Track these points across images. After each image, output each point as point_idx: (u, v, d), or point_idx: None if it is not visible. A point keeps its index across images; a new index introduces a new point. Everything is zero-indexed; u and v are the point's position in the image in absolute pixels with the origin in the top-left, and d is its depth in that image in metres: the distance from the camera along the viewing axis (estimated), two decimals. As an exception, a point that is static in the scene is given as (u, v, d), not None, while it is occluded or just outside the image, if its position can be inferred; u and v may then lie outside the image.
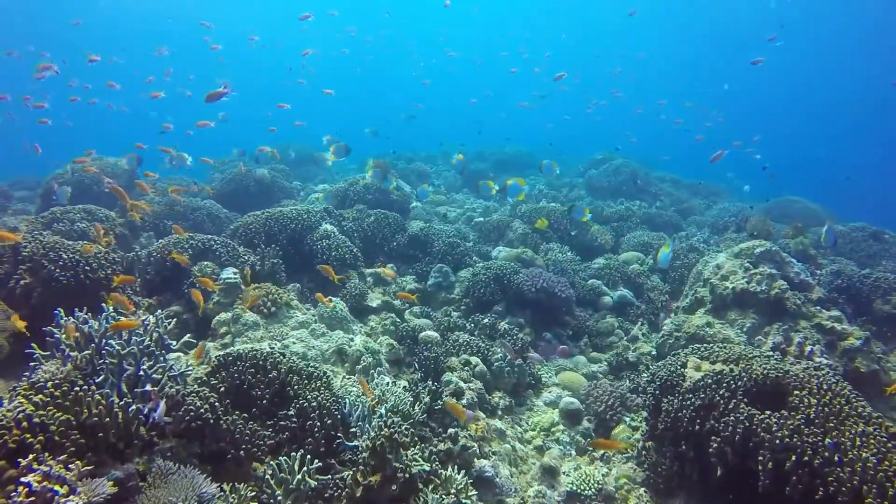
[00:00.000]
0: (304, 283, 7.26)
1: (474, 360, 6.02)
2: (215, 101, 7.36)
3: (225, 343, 5.70)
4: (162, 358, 3.49)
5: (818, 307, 6.75)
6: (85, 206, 7.62)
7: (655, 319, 8.05)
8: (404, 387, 5.00)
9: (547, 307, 7.54)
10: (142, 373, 3.29)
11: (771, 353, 5.16)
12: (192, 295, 5.44)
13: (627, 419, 6.05)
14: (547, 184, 16.47)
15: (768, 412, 4.14)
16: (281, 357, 4.39)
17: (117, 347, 3.29)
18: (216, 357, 4.30)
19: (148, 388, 3.25)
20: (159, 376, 3.41)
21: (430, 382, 5.10)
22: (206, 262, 6.37)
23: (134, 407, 3.01)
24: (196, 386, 3.67)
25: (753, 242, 7.55)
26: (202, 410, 3.31)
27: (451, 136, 23.80)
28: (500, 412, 5.79)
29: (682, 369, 4.83)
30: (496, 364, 6.08)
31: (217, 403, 3.57)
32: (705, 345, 5.13)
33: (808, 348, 6.09)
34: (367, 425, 4.05)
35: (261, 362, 4.29)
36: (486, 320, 6.82)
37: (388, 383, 4.78)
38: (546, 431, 5.78)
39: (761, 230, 8.54)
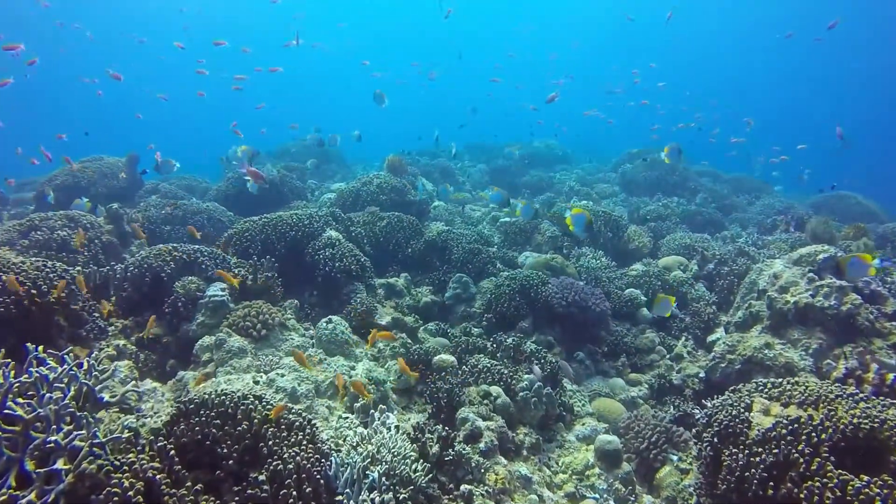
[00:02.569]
0: (305, 298, 6.51)
1: (495, 390, 5.19)
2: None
3: (207, 373, 4.96)
4: (87, 419, 2.73)
5: (894, 323, 5.78)
6: (67, 212, 6.95)
7: (701, 334, 7.13)
8: (409, 433, 4.19)
9: (579, 322, 6.68)
10: (51, 444, 2.53)
11: (855, 390, 4.22)
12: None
13: (675, 458, 5.18)
14: (579, 180, 15.51)
15: (865, 478, 3.24)
16: (255, 403, 3.62)
17: (20, 412, 2.54)
18: (176, 404, 3.54)
19: (59, 465, 2.49)
20: (82, 443, 2.65)
21: (441, 427, 4.29)
22: (190, 278, 5.64)
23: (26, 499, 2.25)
24: (134, 454, 2.90)
25: (815, 247, 6.58)
26: (130, 495, 2.54)
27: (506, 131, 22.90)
28: (525, 452, 4.96)
29: (747, 413, 3.94)
30: (521, 394, 5.25)
31: (161, 476, 2.80)
32: (773, 380, 4.21)
33: (893, 377, 5.13)
34: (356, 496, 3.25)
35: (230, 410, 3.52)
36: (509, 340, 5.98)
37: (387, 433, 3.96)
38: (579, 475, 4.94)
39: (823, 233, 7.54)
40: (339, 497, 3.29)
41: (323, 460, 3.43)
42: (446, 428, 4.29)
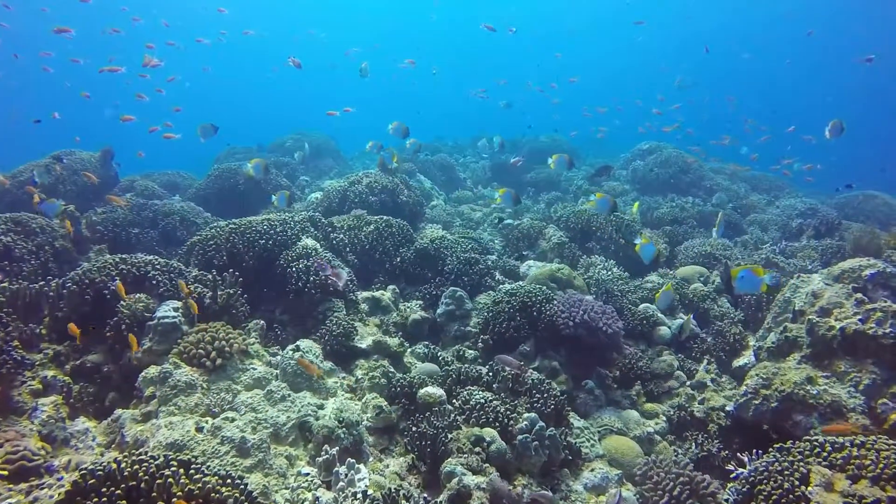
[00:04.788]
0: (276, 316, 5.72)
1: (489, 433, 4.40)
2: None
3: (148, 412, 4.19)
4: None
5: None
6: (14, 216, 6.17)
7: (726, 358, 6.32)
8: (380, 497, 3.39)
9: (588, 345, 5.87)
10: None
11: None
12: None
13: (701, 517, 4.39)
14: (586, 178, 14.65)
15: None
16: (179, 474, 2.83)
17: None
18: (70, 482, 2.76)
19: None
20: None
21: (419, 491, 3.50)
22: (138, 296, 4.86)
23: None
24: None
25: (860, 261, 5.75)
26: None
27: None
28: (524, 508, 4.17)
29: (803, 487, 3.13)
30: (520, 437, 4.45)
31: None
32: (834, 440, 3.41)
33: (965, 425, 4.31)
34: None
35: (144, 485, 2.74)
36: (507, 370, 5.17)
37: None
38: (589, 539, 4.15)
39: (869, 245, 6.70)
40: None
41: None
42: (425, 495, 3.50)
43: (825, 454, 3.31)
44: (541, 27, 43.96)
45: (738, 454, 4.00)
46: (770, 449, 3.63)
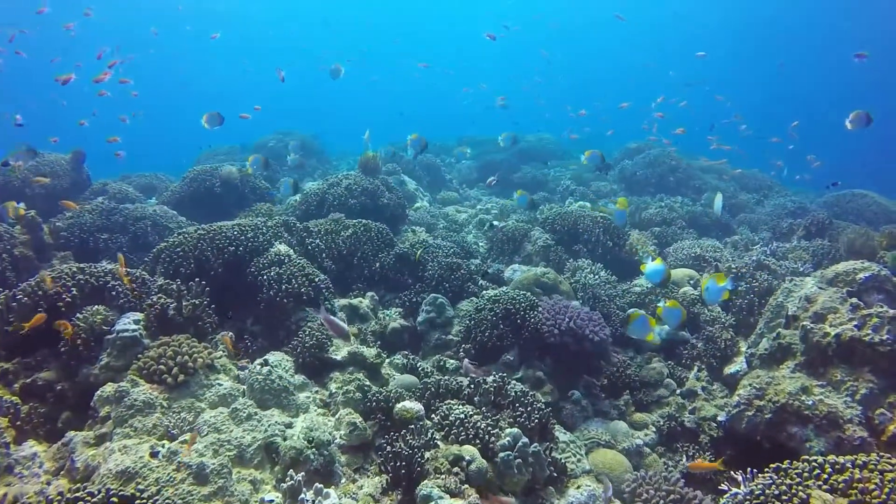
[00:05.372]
0: (247, 327, 5.45)
1: (469, 451, 4.15)
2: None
3: (102, 434, 3.91)
4: None
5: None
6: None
7: (717, 364, 6.10)
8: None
9: (574, 353, 5.63)
10: None
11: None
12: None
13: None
14: (574, 177, 14.44)
15: None
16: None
17: None
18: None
19: None
20: None
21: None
22: (96, 308, 4.58)
23: None
24: None
25: (854, 264, 5.56)
26: None
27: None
28: (505, 532, 3.93)
29: (803, 513, 2.90)
30: (502, 455, 4.20)
31: None
32: (833, 460, 3.19)
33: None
34: None
35: (78, 526, 2.47)
36: (490, 380, 4.92)
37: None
38: (574, 564, 3.91)
39: (863, 247, 6.50)
40: None
41: None
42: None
43: (826, 476, 3.08)
44: (535, 25, 43.95)
45: (732, 473, 3.76)
46: (766, 469, 3.40)
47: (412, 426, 4.33)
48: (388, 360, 5.52)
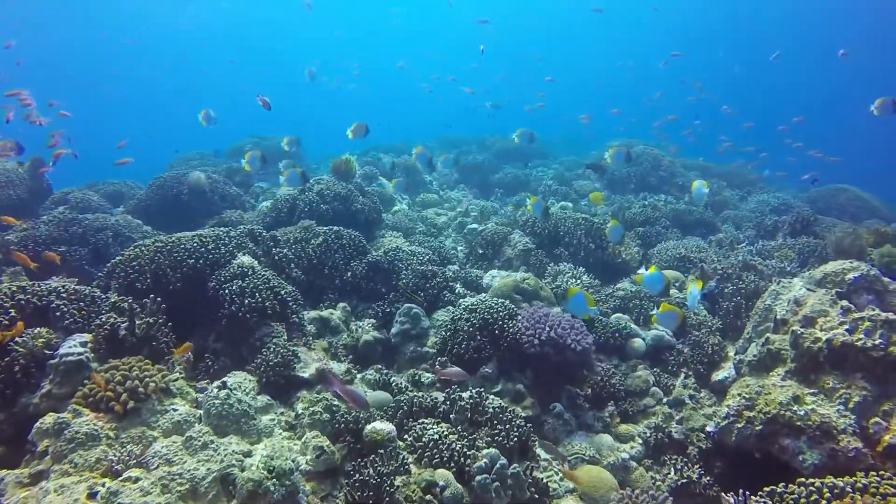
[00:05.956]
0: (209, 344, 5.13)
1: (443, 476, 3.88)
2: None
3: (39, 471, 3.58)
4: None
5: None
6: None
7: (705, 371, 5.86)
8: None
9: (555, 364, 5.37)
10: None
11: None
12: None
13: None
14: (556, 177, 14.21)
15: None
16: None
17: None
18: None
19: None
20: None
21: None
22: (38, 330, 4.24)
23: None
24: None
25: (843, 264, 5.35)
26: None
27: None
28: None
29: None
30: (479, 478, 3.93)
31: None
32: (832, 483, 2.94)
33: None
34: None
35: None
36: (466, 396, 4.65)
37: None
38: None
39: (851, 247, 6.29)
40: None
41: None
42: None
43: (824, 502, 2.83)
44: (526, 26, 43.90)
45: (723, 494, 3.51)
46: (760, 493, 3.15)
47: (383, 450, 4.04)
48: (360, 376, 5.23)
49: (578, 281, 6.67)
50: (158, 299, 4.70)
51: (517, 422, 4.49)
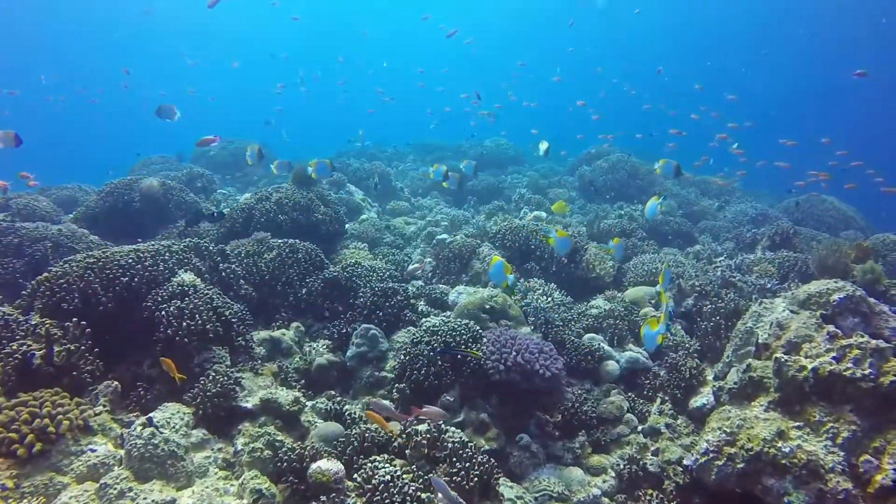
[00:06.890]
0: (143, 371, 4.65)
1: (392, 526, 3.47)
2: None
3: (-77, 529, 3.10)
4: None
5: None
6: None
7: (682, 396, 5.51)
8: None
9: (523, 390, 4.99)
10: None
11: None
12: None
13: None
14: (531, 185, 13.87)
15: None
16: None
17: None
18: None
19: None
20: None
21: None
22: (-61, 360, 3.76)
23: None
24: None
25: (827, 284, 5.05)
26: None
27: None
28: None
29: None
30: (435, 526, 3.53)
31: None
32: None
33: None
34: None
35: None
36: (422, 429, 4.24)
37: None
38: None
39: (835, 265, 5.99)
40: None
41: None
42: None
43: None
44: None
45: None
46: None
47: (326, 495, 3.62)
48: (310, 405, 4.79)
49: (549, 298, 6.30)
50: (83, 323, 4.23)
51: (479, 458, 4.09)
